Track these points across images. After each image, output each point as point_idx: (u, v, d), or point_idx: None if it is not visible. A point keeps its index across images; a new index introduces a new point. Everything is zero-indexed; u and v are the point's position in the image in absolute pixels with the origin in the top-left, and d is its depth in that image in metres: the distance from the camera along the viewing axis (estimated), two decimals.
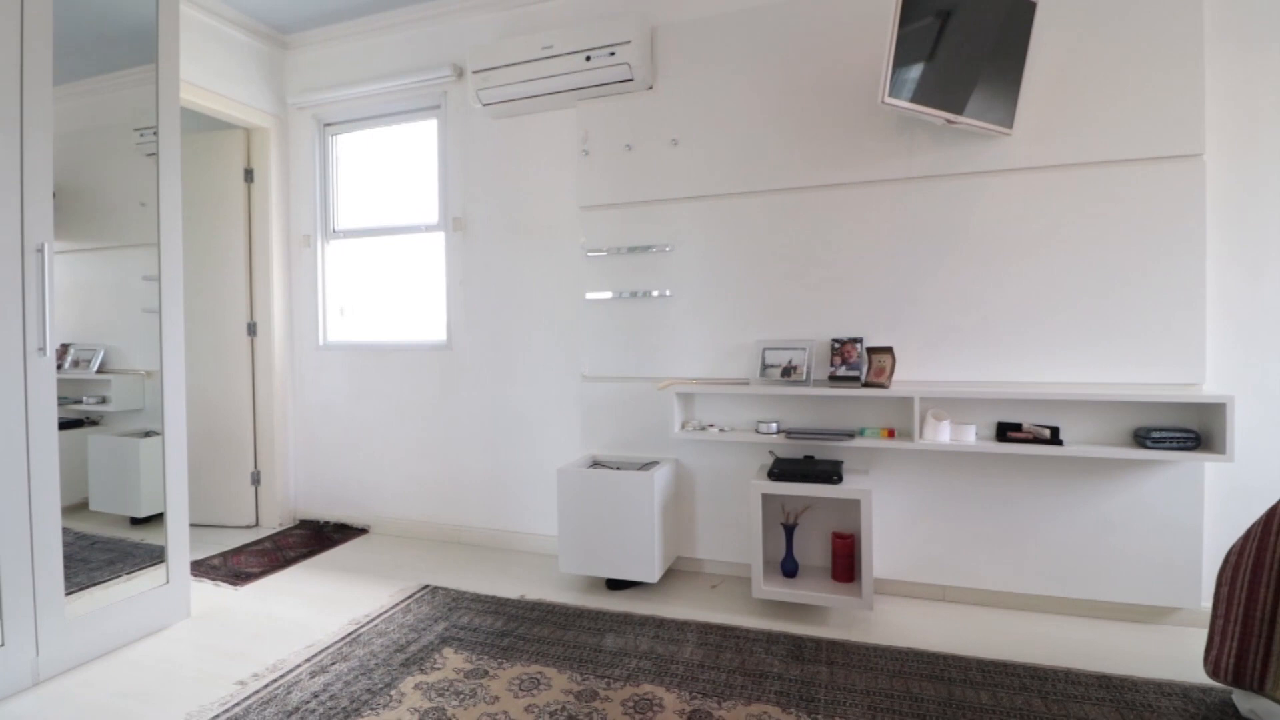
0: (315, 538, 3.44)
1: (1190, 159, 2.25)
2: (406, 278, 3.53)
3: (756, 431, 2.66)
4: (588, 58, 2.80)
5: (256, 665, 2.10)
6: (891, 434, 2.50)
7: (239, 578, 2.86)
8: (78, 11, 2.18)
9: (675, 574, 2.84)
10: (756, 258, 2.75)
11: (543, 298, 3.16)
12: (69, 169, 2.20)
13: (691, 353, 2.85)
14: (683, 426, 2.75)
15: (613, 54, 2.76)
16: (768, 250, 2.73)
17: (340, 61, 3.53)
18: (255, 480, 3.63)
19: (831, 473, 2.40)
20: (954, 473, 2.51)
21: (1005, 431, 2.37)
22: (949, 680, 1.94)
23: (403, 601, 2.58)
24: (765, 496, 2.47)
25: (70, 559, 2.10)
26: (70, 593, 2.11)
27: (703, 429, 2.74)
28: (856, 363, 2.54)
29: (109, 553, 2.40)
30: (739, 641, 2.20)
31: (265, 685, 1.98)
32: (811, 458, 2.59)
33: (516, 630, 2.31)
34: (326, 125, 3.67)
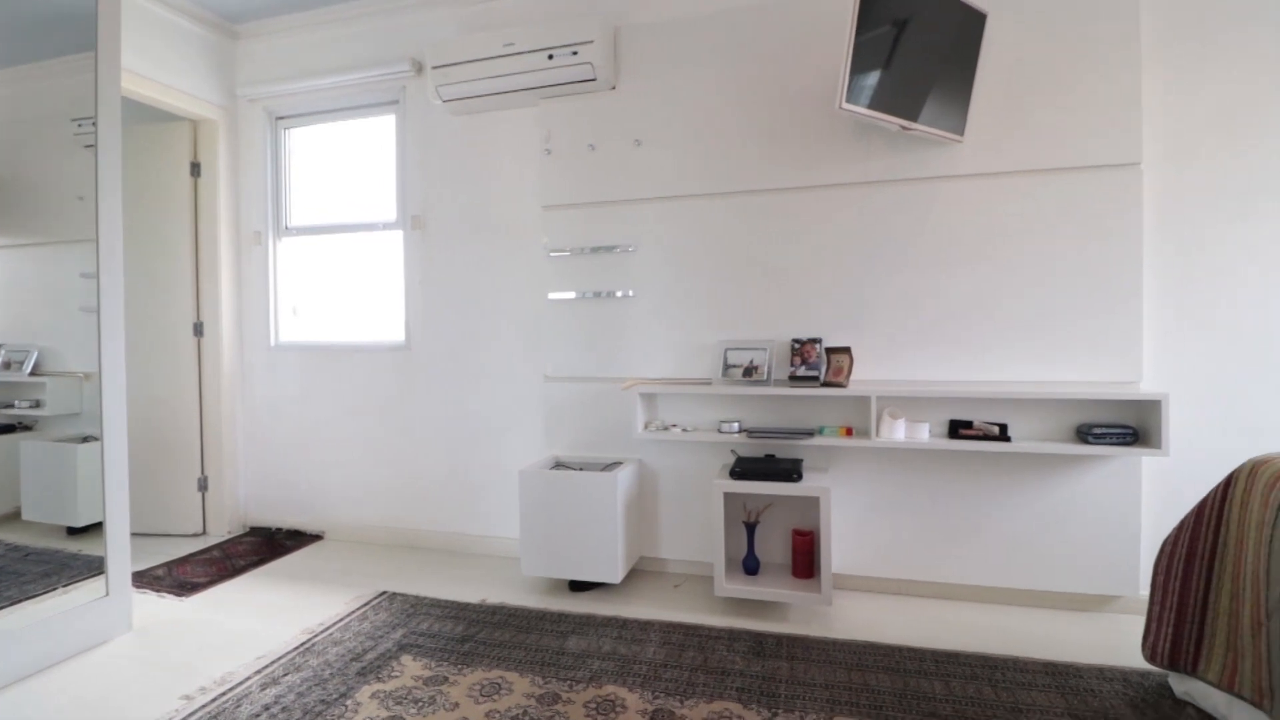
0: (266, 545, 3.32)
1: (1128, 167, 2.36)
2: (363, 277, 3.45)
3: (719, 431, 2.68)
4: (550, 56, 2.78)
5: (203, 679, 2.02)
6: (850, 432, 2.56)
7: (185, 588, 2.75)
8: None
9: (638, 574, 2.84)
10: (719, 259, 2.77)
11: (505, 298, 3.12)
12: (0, 160, 2.09)
13: (655, 353, 2.86)
14: (646, 427, 2.76)
15: (575, 53, 2.75)
16: (730, 251, 2.76)
17: (293, 53, 3.43)
18: (202, 486, 3.50)
19: (792, 471, 2.44)
20: (909, 469, 2.58)
21: (957, 429, 2.45)
22: (904, 672, 1.99)
23: (359, 609, 2.51)
24: (727, 495, 2.49)
25: (1, 572, 1.99)
26: (1, 607, 2.00)
27: (666, 429, 2.75)
28: (816, 363, 2.58)
29: (44, 565, 2.28)
30: (701, 640, 2.21)
31: (213, 699, 1.90)
32: (772, 456, 2.63)
33: (477, 635, 2.28)
34: (279, 119, 3.56)
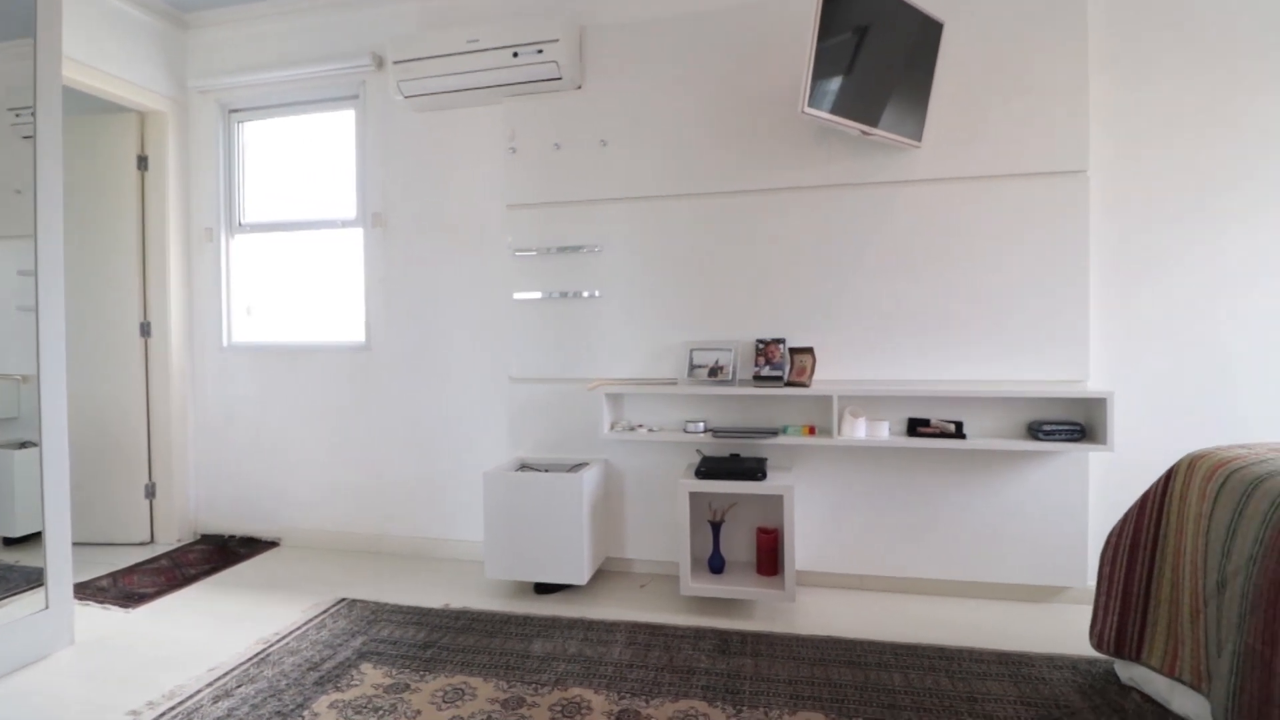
0: (219, 553, 3.21)
1: (1075, 175, 2.46)
2: (321, 275, 3.36)
3: (684, 431, 2.69)
4: (515, 54, 2.75)
5: (152, 693, 1.93)
6: (812, 431, 2.60)
7: (131, 599, 2.63)
8: None
9: (604, 575, 2.83)
10: (685, 260, 2.79)
11: (468, 297, 3.08)
12: None
13: (621, 353, 2.85)
14: (612, 427, 2.75)
15: (540, 51, 2.73)
16: (695, 252, 2.78)
17: (248, 44, 3.32)
18: (150, 493, 3.35)
19: (756, 470, 2.47)
20: (870, 467, 2.63)
21: (915, 427, 2.51)
22: (865, 665, 2.03)
23: (317, 617, 2.44)
24: (693, 495, 2.50)
25: None
26: None
27: (632, 429, 2.75)
28: (780, 363, 2.61)
29: None
30: (667, 639, 2.22)
31: (161, 714, 1.82)
32: (737, 455, 2.65)
33: (440, 640, 2.24)
34: (232, 111, 3.44)
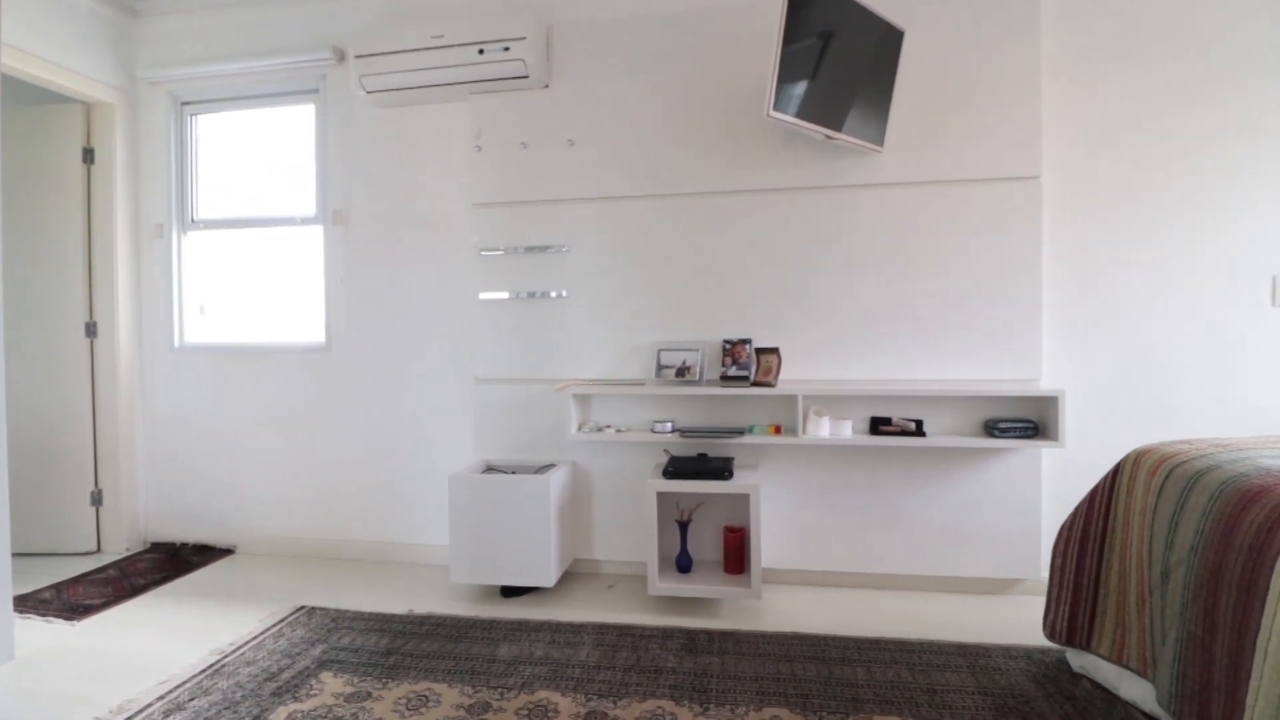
0: (170, 562, 3.09)
1: (1029, 180, 2.54)
2: (279, 274, 3.27)
3: (652, 431, 2.70)
4: (480, 51, 2.72)
5: (98, 709, 1.85)
6: (778, 430, 2.63)
7: (76, 611, 2.52)
8: None
9: (572, 576, 2.82)
10: (652, 260, 2.79)
11: (433, 297, 3.03)
12: None
13: (588, 354, 2.84)
14: (580, 428, 2.74)
15: (507, 49, 2.70)
16: (663, 253, 2.78)
17: (202, 34, 3.20)
18: (96, 500, 3.21)
19: (723, 469, 2.49)
20: (834, 465, 2.68)
21: (877, 425, 2.56)
22: (829, 660, 2.06)
23: (274, 626, 2.37)
24: (660, 494, 2.51)
25: None
26: None
27: (599, 430, 2.74)
28: (746, 363, 2.64)
29: None
30: (635, 639, 2.22)
31: None
32: (705, 455, 2.67)
33: (403, 647, 2.19)
34: (185, 104, 3.32)
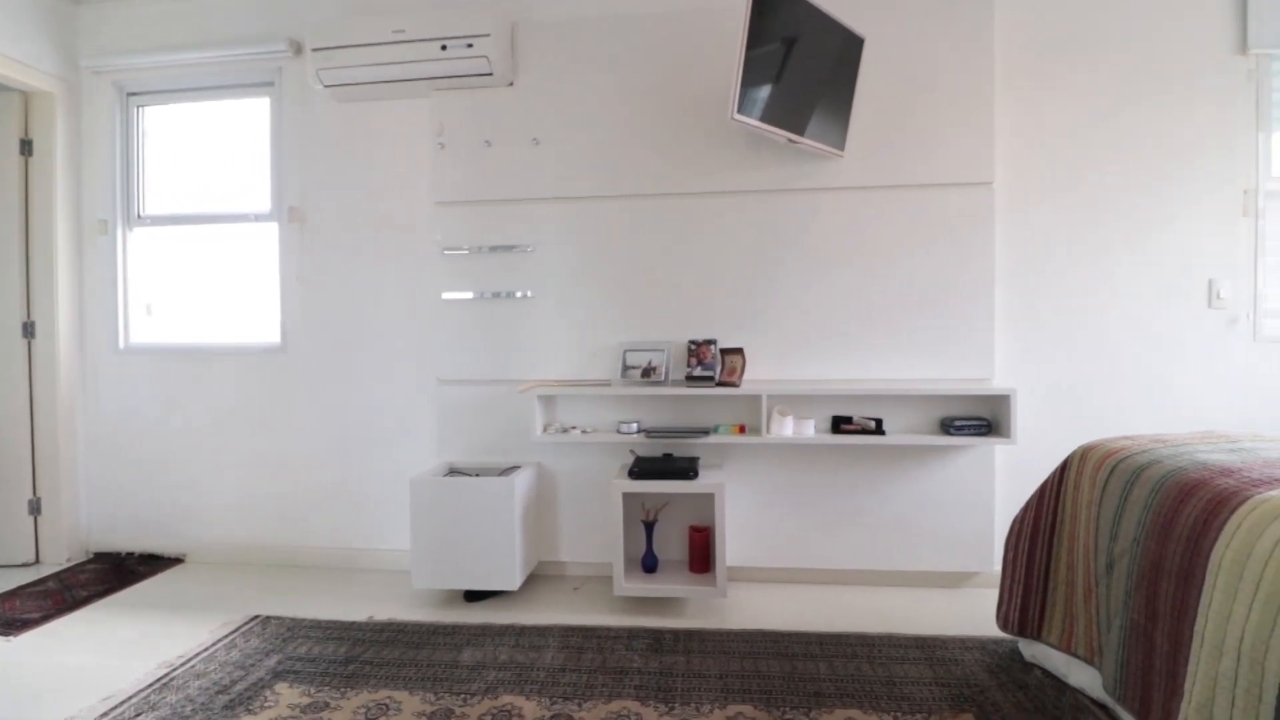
0: (115, 572, 2.96)
1: (983, 186, 2.62)
2: (231, 272, 3.16)
3: (618, 432, 2.69)
4: (443, 46, 2.68)
5: None
6: (742, 430, 2.65)
7: (13, 626, 2.39)
8: None
9: (537, 579, 2.80)
10: (618, 261, 2.79)
11: (394, 297, 2.97)
12: None
13: (554, 355, 2.82)
14: (545, 429, 2.72)
15: (470, 45, 2.67)
16: (629, 253, 2.79)
17: (150, 22, 3.08)
18: (34, 509, 3.06)
19: (688, 469, 2.50)
20: (797, 464, 2.72)
21: (839, 424, 2.61)
22: (792, 655, 2.09)
23: (227, 636, 2.29)
24: (626, 495, 2.50)
25: None
26: None
27: (565, 431, 2.73)
28: (711, 363, 2.66)
29: None
30: (600, 641, 2.21)
31: None
32: (670, 455, 2.68)
33: (363, 655, 2.14)
34: (131, 95, 3.19)
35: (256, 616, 2.45)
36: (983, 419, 2.55)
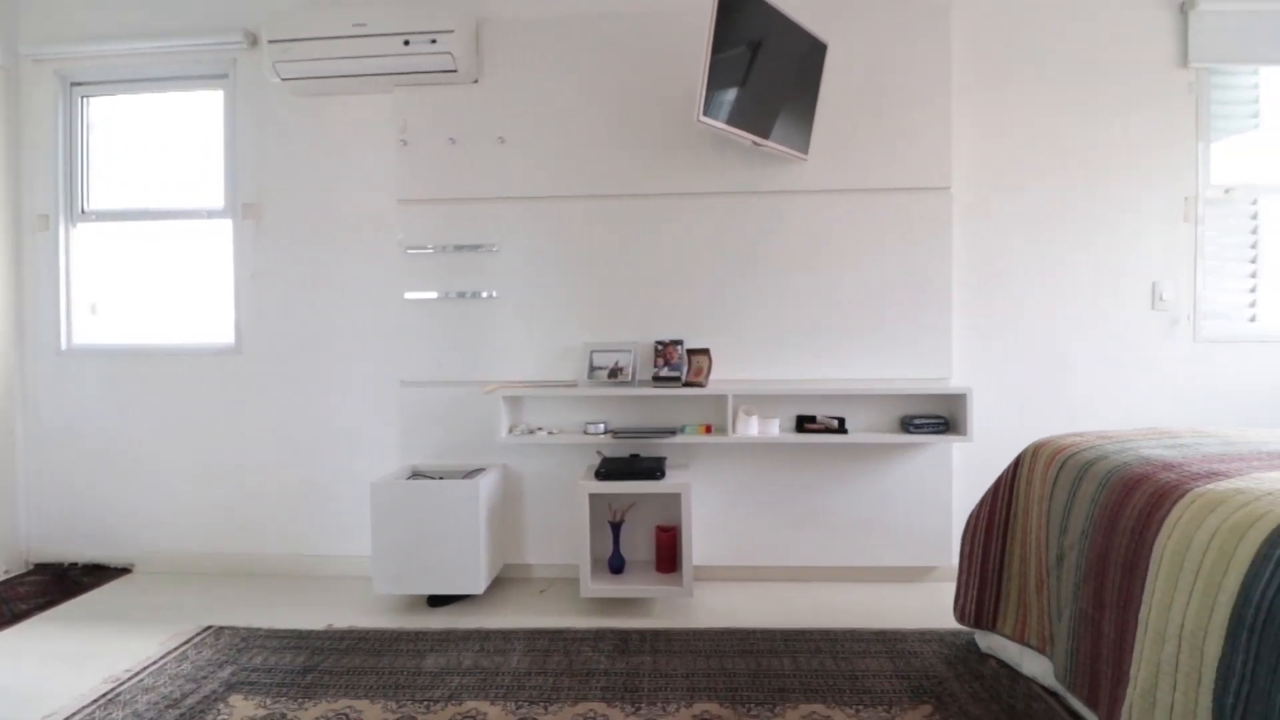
0: (57, 584, 2.82)
1: (941, 191, 2.69)
2: (182, 270, 3.05)
3: (585, 433, 2.68)
4: (406, 42, 2.63)
5: None
6: (709, 430, 2.67)
7: None
8: None
9: (503, 582, 2.76)
10: (585, 261, 2.78)
11: (355, 296, 2.90)
12: None
13: (520, 355, 2.80)
14: (510, 431, 2.69)
15: (434, 41, 2.63)
16: (596, 254, 2.78)
17: (95, 9, 2.95)
18: None
19: (655, 469, 2.50)
20: (763, 463, 2.74)
21: (803, 423, 2.65)
22: (757, 652, 2.11)
23: (177, 648, 2.21)
24: (593, 496, 2.49)
25: None
26: None
27: (531, 432, 2.70)
28: (678, 364, 2.67)
29: None
30: (567, 643, 2.20)
31: None
32: (637, 456, 2.68)
33: (322, 664, 2.09)
34: (75, 85, 3.05)
35: (209, 627, 2.36)
36: (941, 417, 2.61)
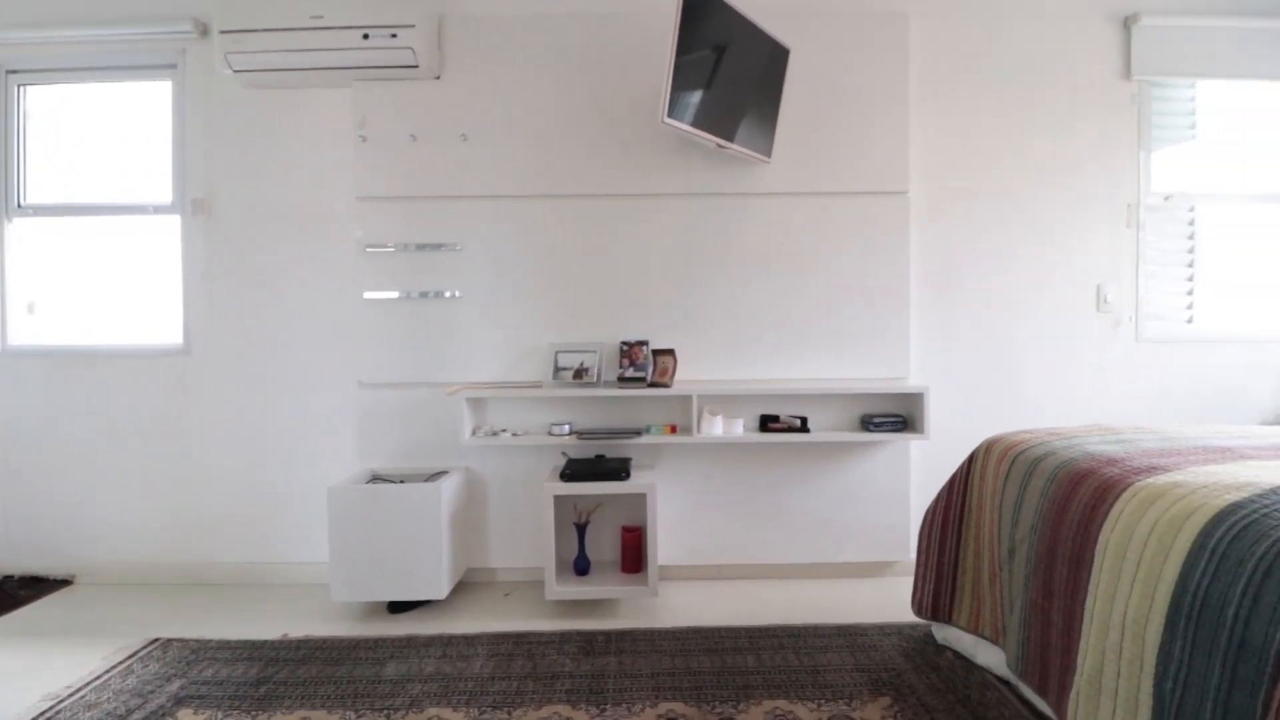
0: None
1: (898, 195, 2.76)
2: (127, 268, 2.92)
3: (549, 434, 2.66)
4: (365, 35, 2.58)
5: None
6: (674, 430, 2.68)
7: None
8: None
9: (466, 586, 2.72)
10: (550, 261, 2.76)
11: (311, 296, 2.82)
12: None
13: (483, 356, 2.76)
14: (473, 433, 2.66)
15: (394, 35, 2.58)
16: (560, 254, 2.76)
17: None
18: None
19: (620, 470, 2.50)
20: (727, 462, 2.77)
21: (766, 423, 2.67)
22: (722, 650, 2.12)
23: (122, 662, 2.11)
24: (557, 498, 2.48)
25: None
26: None
27: (495, 434, 2.67)
28: (643, 364, 2.67)
29: None
30: (531, 647, 2.18)
31: None
32: (602, 456, 2.67)
33: (276, 675, 2.02)
34: (11, 73, 2.90)
35: (156, 640, 2.27)
36: (899, 416, 2.67)
